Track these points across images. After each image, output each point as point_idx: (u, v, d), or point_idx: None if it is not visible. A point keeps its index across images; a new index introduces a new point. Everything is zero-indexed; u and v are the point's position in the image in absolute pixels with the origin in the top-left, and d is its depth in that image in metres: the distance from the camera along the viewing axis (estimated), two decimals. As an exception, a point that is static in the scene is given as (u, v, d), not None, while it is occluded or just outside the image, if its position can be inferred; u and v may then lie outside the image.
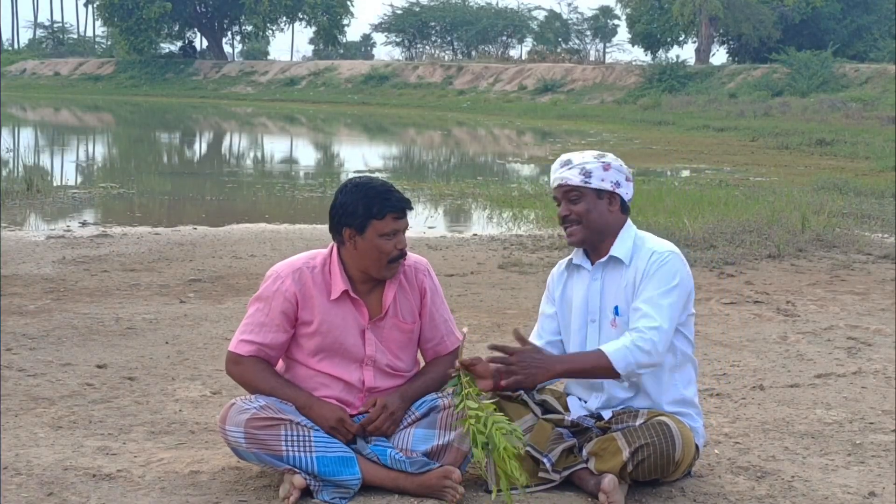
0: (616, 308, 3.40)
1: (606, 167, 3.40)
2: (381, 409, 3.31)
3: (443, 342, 3.50)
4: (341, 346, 3.36)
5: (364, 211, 3.24)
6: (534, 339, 3.55)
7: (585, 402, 3.51)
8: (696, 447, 3.40)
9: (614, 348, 3.24)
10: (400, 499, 3.22)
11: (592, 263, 3.48)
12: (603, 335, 3.42)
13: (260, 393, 3.32)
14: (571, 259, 3.55)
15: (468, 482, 3.34)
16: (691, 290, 3.42)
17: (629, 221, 3.49)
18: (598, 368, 3.26)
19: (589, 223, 3.40)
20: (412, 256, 3.48)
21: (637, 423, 3.30)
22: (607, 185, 3.39)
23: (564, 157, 3.47)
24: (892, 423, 4.20)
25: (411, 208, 3.34)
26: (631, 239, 3.44)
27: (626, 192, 3.45)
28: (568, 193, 3.41)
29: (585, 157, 3.42)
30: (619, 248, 3.42)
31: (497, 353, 3.27)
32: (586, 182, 3.38)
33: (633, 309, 3.33)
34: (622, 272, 3.41)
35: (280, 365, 3.46)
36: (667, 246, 3.43)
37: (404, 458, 3.24)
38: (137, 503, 3.18)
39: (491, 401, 3.30)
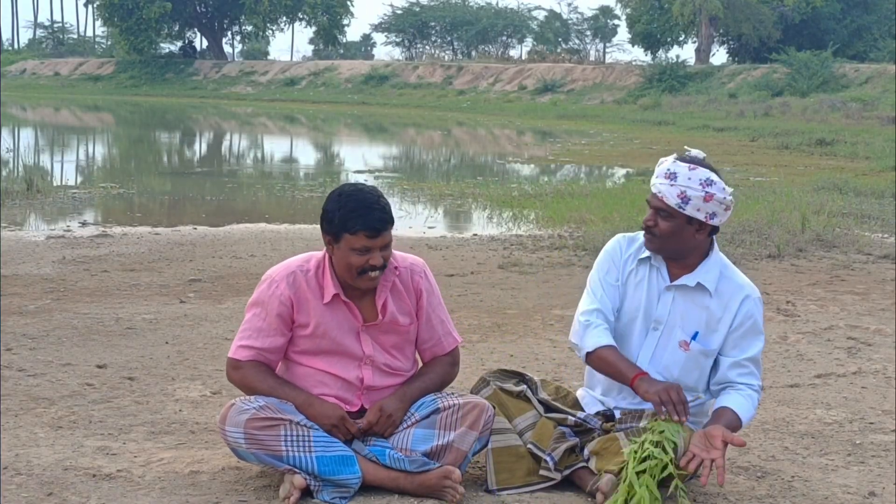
0: (696, 334, 3.37)
1: (708, 198, 3.24)
2: (380, 413, 3.32)
3: (440, 343, 3.50)
4: (339, 346, 3.36)
5: (339, 223, 3.23)
6: (593, 306, 3.40)
7: (605, 397, 3.50)
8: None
9: (743, 410, 3.32)
10: (400, 499, 3.22)
11: (671, 275, 3.40)
12: (665, 350, 3.39)
13: (259, 394, 3.32)
14: (649, 257, 3.42)
15: (468, 482, 3.34)
16: None
17: (716, 246, 3.42)
18: (733, 424, 3.27)
19: (667, 242, 3.33)
20: (408, 258, 3.47)
21: (640, 425, 3.30)
22: (701, 216, 3.27)
23: (671, 166, 3.30)
24: (892, 423, 4.20)
25: (390, 226, 3.26)
26: (717, 268, 3.39)
27: (721, 220, 3.33)
28: (660, 209, 3.30)
29: (692, 182, 3.24)
30: (706, 277, 3.37)
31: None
32: (681, 207, 3.26)
33: (740, 364, 3.36)
34: (705, 300, 3.38)
35: (279, 365, 3.46)
36: (752, 286, 3.43)
37: (403, 457, 3.24)
38: (137, 503, 3.18)
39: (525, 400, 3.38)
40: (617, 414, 3.43)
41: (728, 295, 3.38)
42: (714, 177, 3.28)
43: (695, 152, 3.39)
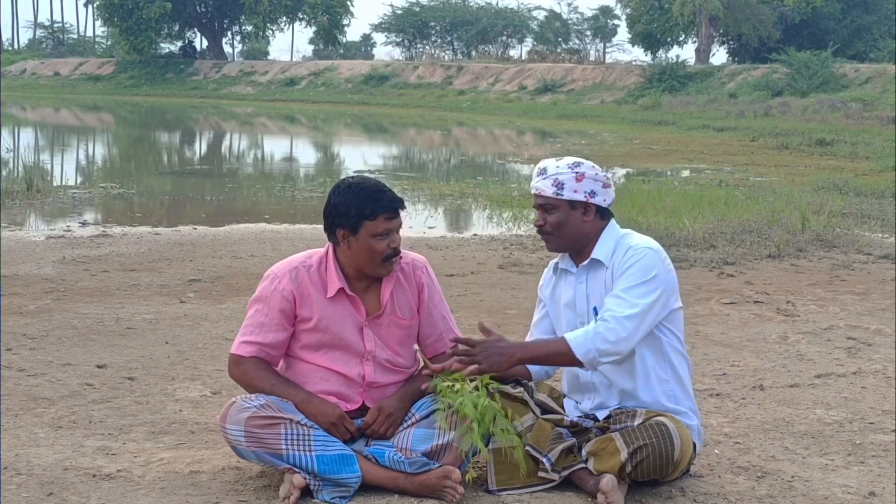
0: (595, 309, 3.40)
1: (580, 177, 3.36)
2: (378, 413, 3.32)
3: (441, 339, 3.51)
4: (341, 341, 3.37)
5: (356, 212, 3.26)
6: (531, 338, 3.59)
7: (579, 403, 3.52)
8: (694, 446, 3.39)
9: (575, 335, 3.24)
10: (400, 499, 3.22)
11: (577, 266, 3.48)
12: None
13: (260, 392, 3.32)
14: (557, 263, 3.56)
15: (468, 482, 3.34)
16: (672, 284, 3.38)
17: (612, 223, 3.47)
18: (558, 354, 3.25)
19: (562, 234, 3.41)
20: (410, 254, 3.50)
21: (635, 424, 3.30)
22: (580, 197, 3.37)
23: (541, 164, 3.46)
24: (892, 423, 4.20)
25: (403, 207, 3.36)
26: (613, 240, 3.43)
27: (604, 198, 3.41)
28: (542, 205, 3.41)
29: (560, 168, 3.39)
30: (599, 251, 3.42)
31: (460, 346, 3.26)
32: (558, 194, 3.36)
33: (605, 302, 3.32)
34: (603, 273, 3.41)
35: (281, 362, 3.47)
36: (645, 242, 3.40)
37: (403, 458, 3.25)
38: (137, 503, 3.18)
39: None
40: (601, 415, 3.43)
41: (617, 259, 3.38)
42: (580, 160, 3.44)
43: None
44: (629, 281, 3.29)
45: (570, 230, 3.40)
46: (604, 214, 3.44)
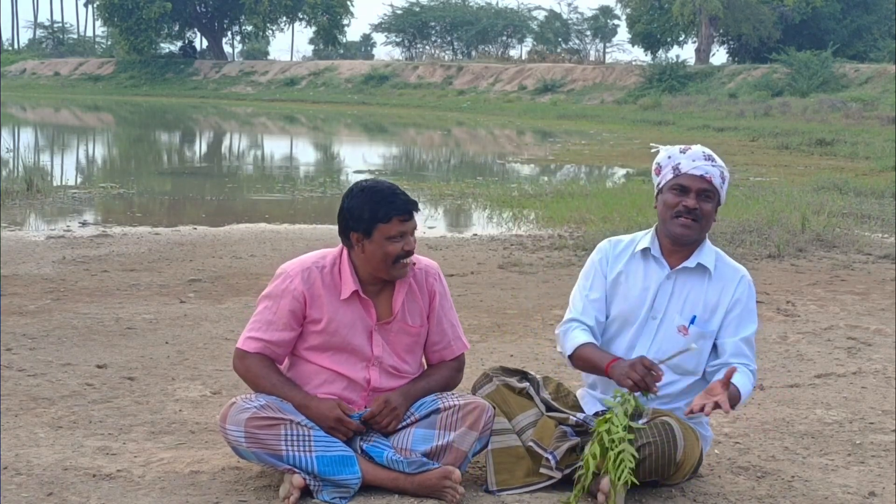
0: (694, 318, 3.38)
1: (727, 179, 3.41)
2: (384, 405, 3.32)
3: (449, 347, 3.51)
4: (349, 344, 3.37)
5: (370, 215, 3.25)
6: (570, 316, 3.47)
7: (605, 394, 3.48)
8: (701, 451, 3.38)
9: (742, 385, 3.27)
10: (400, 499, 3.22)
11: (670, 264, 3.44)
12: (664, 336, 3.40)
13: (261, 390, 3.32)
14: (648, 248, 3.45)
15: (468, 482, 3.34)
16: None
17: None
18: (733, 394, 3.25)
19: (705, 226, 3.39)
20: (423, 260, 3.48)
21: (640, 422, 3.29)
22: (723, 196, 3.41)
23: (706, 150, 3.40)
24: (892, 423, 4.20)
25: (418, 210, 3.35)
26: (712, 250, 3.46)
27: None
28: (705, 190, 3.35)
29: (720, 163, 3.39)
30: (706, 258, 3.42)
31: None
32: (721, 186, 3.38)
33: (735, 344, 3.36)
34: (704, 283, 3.40)
35: (286, 361, 3.46)
36: (744, 269, 3.49)
37: (401, 458, 3.24)
38: (137, 503, 3.18)
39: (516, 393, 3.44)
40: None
41: (726, 277, 3.42)
42: None
43: (664, 148, 3.51)
44: (752, 324, 3.41)
45: (709, 225, 3.41)
46: None
